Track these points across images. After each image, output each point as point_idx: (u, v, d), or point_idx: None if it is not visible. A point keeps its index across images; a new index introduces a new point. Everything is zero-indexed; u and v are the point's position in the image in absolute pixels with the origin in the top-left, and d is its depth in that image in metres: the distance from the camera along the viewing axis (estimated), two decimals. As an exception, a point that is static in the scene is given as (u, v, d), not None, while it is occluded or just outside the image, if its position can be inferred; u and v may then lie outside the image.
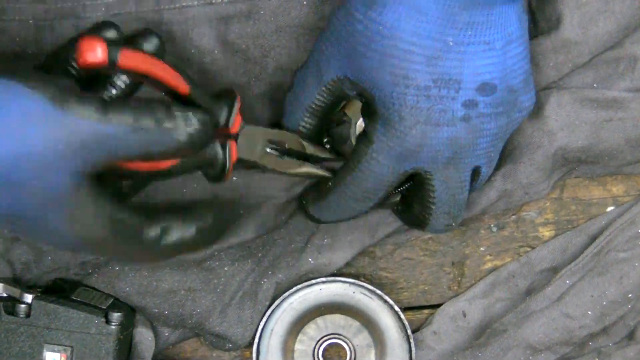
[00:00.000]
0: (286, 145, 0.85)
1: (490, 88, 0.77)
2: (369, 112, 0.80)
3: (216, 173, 0.79)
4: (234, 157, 0.80)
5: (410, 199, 0.85)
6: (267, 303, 0.92)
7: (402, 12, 0.75)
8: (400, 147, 0.78)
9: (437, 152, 0.78)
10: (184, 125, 0.70)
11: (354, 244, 0.92)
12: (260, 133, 0.84)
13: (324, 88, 0.82)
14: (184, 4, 0.87)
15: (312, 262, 0.91)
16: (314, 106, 0.83)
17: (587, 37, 0.88)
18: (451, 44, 0.75)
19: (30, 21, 0.87)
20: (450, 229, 0.85)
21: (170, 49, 0.88)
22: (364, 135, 0.80)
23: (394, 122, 0.77)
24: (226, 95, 0.81)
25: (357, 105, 0.86)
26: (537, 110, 0.90)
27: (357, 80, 0.79)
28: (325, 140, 0.88)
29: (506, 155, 0.91)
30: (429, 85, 0.76)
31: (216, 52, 0.88)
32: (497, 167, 0.90)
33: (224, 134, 0.79)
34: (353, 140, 0.87)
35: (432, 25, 0.75)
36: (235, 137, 0.81)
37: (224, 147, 0.79)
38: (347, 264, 0.94)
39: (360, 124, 0.87)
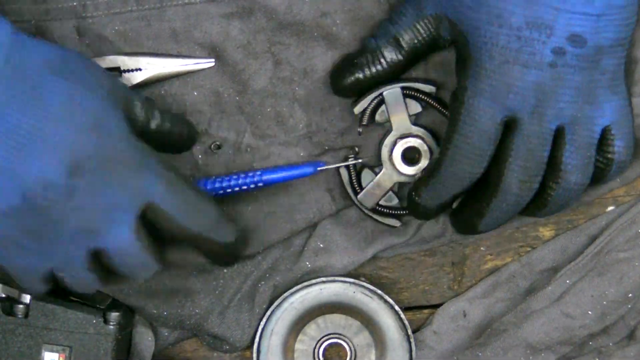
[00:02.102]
0: None
1: (581, 41, 0.78)
2: (462, 61, 0.81)
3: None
4: None
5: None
6: (265, 306, 0.91)
7: None
8: (490, 87, 0.79)
9: (524, 98, 0.79)
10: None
11: (349, 250, 0.92)
12: None
13: (422, 22, 0.82)
14: (186, 1, 0.87)
15: (309, 265, 0.91)
16: (404, 37, 0.83)
17: None
18: None
19: (32, 22, 0.86)
20: (528, 187, 0.81)
21: (172, 47, 0.88)
22: (459, 85, 0.81)
23: (484, 62, 0.79)
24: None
25: (404, 117, 0.88)
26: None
27: (454, 20, 0.80)
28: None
29: None
30: (521, 26, 0.77)
31: (218, 49, 0.88)
32: None
33: None
34: (384, 149, 0.89)
35: None
36: None
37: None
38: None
39: (400, 143, 0.89)
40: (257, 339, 0.91)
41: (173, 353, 0.94)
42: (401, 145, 0.89)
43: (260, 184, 0.87)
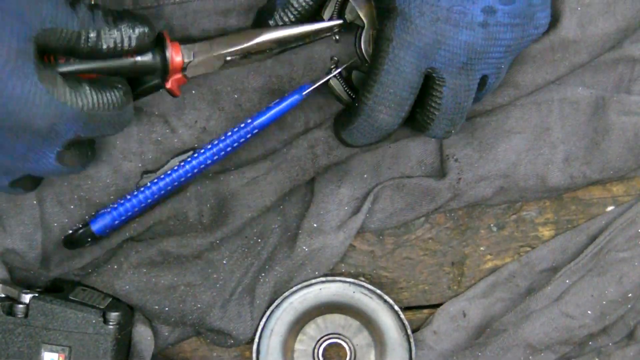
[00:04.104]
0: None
1: None
2: (386, 9, 0.80)
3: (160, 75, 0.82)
4: (176, 59, 0.81)
5: (415, 105, 0.84)
6: (267, 298, 0.91)
7: None
8: (420, 42, 0.78)
9: (454, 55, 0.79)
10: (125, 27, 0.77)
11: (343, 226, 0.91)
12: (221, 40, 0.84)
13: None
14: None
15: (306, 249, 0.91)
16: None
17: (585, 37, 0.88)
18: None
19: None
20: (449, 135, 0.85)
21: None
22: (382, 35, 0.80)
23: (413, 17, 0.78)
24: None
25: (372, 9, 0.84)
26: (541, 123, 0.91)
27: None
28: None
29: (507, 156, 0.91)
30: None
31: None
32: (498, 164, 0.91)
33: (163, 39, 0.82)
34: (364, 46, 0.86)
35: None
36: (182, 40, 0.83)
37: (162, 51, 0.81)
38: (346, 263, 0.93)
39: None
40: (256, 339, 0.91)
41: (173, 353, 0.94)
42: None
43: (255, 131, 0.86)
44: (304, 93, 0.86)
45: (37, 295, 0.85)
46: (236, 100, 0.90)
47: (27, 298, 0.84)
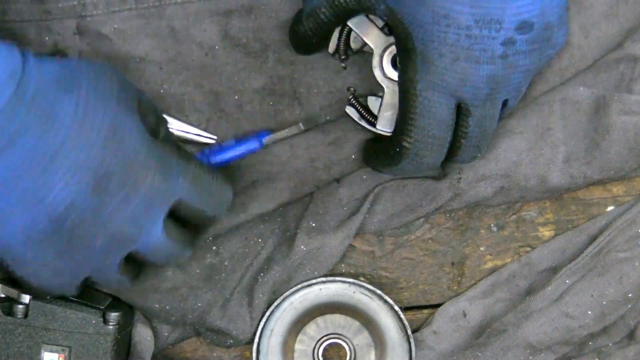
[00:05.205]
0: None
1: (529, 26, 0.77)
2: (405, 49, 0.79)
3: None
4: None
5: None
6: (265, 298, 0.91)
7: None
8: (444, 82, 0.78)
9: (478, 90, 0.79)
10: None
11: (341, 226, 0.91)
12: None
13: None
14: None
15: (304, 248, 0.91)
16: (337, 2, 0.81)
17: (589, 41, 0.88)
18: None
19: (33, 21, 0.86)
20: (475, 159, 0.85)
21: (170, 45, 0.88)
22: (406, 77, 0.80)
23: (433, 58, 0.77)
24: None
25: (378, 34, 0.85)
26: (542, 123, 0.91)
27: (396, 10, 0.78)
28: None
29: (508, 156, 0.91)
30: (470, 25, 0.76)
31: (217, 47, 0.88)
32: (499, 164, 0.91)
33: None
34: (376, 71, 0.86)
35: None
36: None
37: None
38: (346, 263, 0.93)
39: (385, 55, 0.86)
40: (256, 339, 0.91)
41: (173, 353, 0.94)
42: (387, 58, 0.86)
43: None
44: (264, 140, 0.89)
45: (37, 295, 0.85)
46: (237, 101, 0.90)
47: (26, 298, 0.84)
